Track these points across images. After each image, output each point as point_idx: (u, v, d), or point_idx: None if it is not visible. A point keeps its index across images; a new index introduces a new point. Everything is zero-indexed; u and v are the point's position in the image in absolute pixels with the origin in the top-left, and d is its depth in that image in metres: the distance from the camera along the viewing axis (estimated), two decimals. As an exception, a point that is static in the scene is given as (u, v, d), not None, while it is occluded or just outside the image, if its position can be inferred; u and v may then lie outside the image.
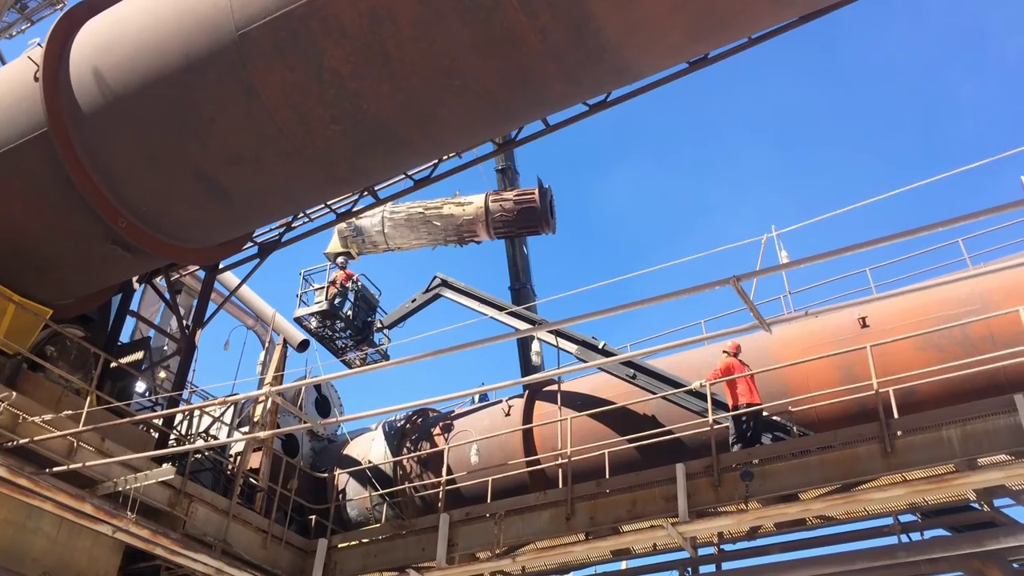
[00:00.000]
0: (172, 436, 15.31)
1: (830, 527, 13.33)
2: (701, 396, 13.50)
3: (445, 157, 15.07)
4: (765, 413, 13.19)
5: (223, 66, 10.93)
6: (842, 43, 52.41)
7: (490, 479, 14.75)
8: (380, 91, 10.50)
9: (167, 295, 16.86)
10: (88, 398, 12.57)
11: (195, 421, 16.97)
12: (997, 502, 11.84)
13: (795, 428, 13.06)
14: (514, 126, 12.54)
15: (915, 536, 12.68)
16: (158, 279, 16.94)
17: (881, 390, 11.46)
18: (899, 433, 11.12)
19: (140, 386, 17.55)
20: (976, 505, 12.11)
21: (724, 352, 13.52)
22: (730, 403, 13.11)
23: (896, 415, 11.30)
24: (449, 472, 15.53)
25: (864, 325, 13.49)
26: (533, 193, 18.79)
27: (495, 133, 12.36)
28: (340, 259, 19.76)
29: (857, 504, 11.96)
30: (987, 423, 10.65)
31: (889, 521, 12.67)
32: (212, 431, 17.62)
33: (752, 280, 12.43)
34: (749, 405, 12.82)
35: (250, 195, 12.40)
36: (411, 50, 10.05)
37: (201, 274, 17.18)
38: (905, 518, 12.72)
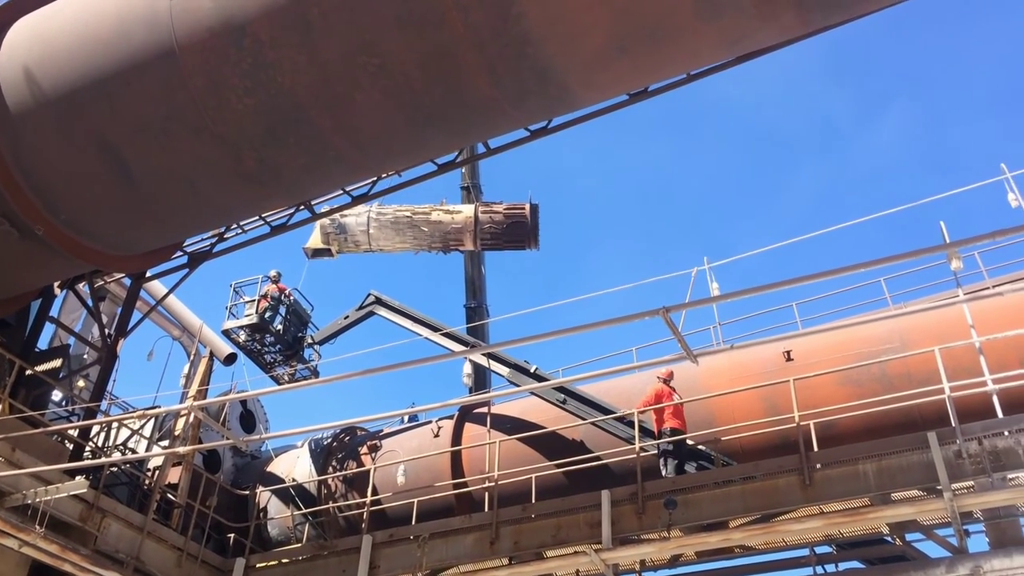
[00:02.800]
0: (88, 448, 14.82)
1: (749, 557, 13.54)
2: (629, 423, 13.64)
3: (384, 175, 15.06)
4: (691, 442, 13.39)
5: (152, 28, 10.77)
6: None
7: (415, 500, 14.63)
8: (297, 63, 10.26)
9: (89, 302, 16.35)
10: (0, 406, 12.10)
11: (113, 433, 16.46)
12: (909, 536, 12.17)
13: (719, 458, 13.28)
14: (437, 135, 11.57)
15: (830, 568, 12.98)
16: (81, 285, 16.44)
17: (802, 423, 11.75)
18: (818, 466, 11.40)
19: (57, 395, 16.97)
20: (889, 539, 12.45)
21: (657, 378, 13.70)
22: (656, 428, 13.29)
23: (816, 448, 11.60)
24: (374, 492, 15.35)
25: (789, 359, 13.81)
26: (524, 208, 18.91)
27: (416, 139, 11.49)
28: (273, 272, 19.46)
29: (775, 535, 12.17)
30: (901, 459, 10.99)
31: (806, 552, 12.93)
32: (130, 444, 17.09)
33: (681, 311, 12.64)
34: (673, 430, 13.00)
35: (153, 176, 11.90)
36: (334, 20, 9.89)
37: (127, 281, 16.74)
38: (821, 549, 13.00)
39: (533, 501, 13.25)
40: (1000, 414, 10.82)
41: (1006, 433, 10.54)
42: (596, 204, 58.87)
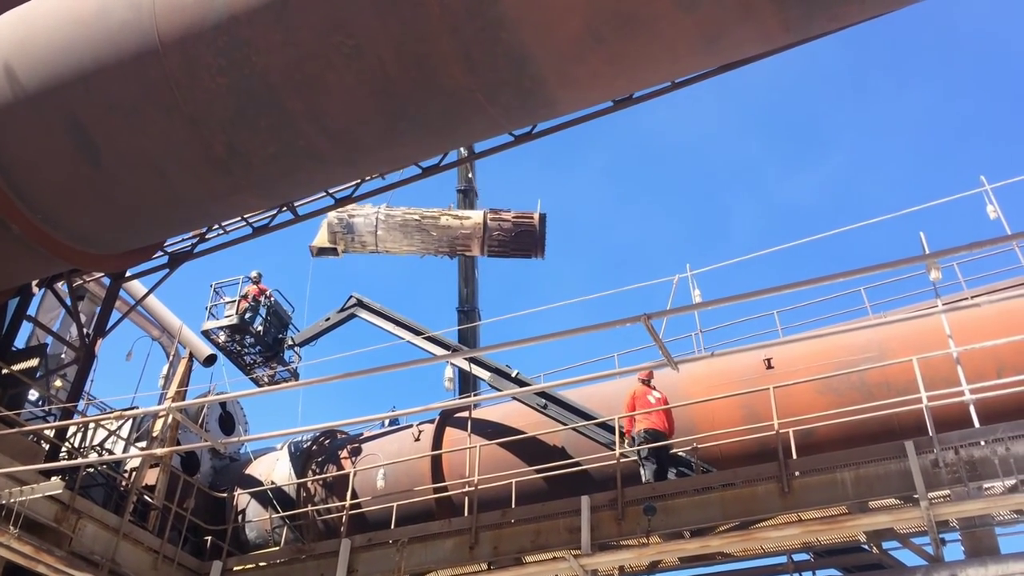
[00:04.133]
0: (64, 449, 14.67)
1: (728, 564, 13.59)
2: (610, 429, 13.66)
3: (369, 178, 15.02)
4: (672, 449, 13.42)
5: (132, 5, 10.75)
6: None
7: (395, 505, 14.57)
8: (271, 42, 10.17)
9: (68, 301, 16.20)
10: (-26, 405, 11.96)
11: (90, 434, 16.30)
12: (885, 544, 12.26)
13: (699, 464, 13.32)
14: (411, 128, 11.03)
15: (807, 575, 13.04)
16: (59, 284, 16.29)
17: (781, 431, 11.80)
18: (796, 474, 11.45)
19: (33, 395, 16.80)
20: (866, 547, 12.53)
21: (638, 379, 13.65)
22: (627, 430, 13.25)
23: (795, 456, 11.66)
24: (354, 496, 15.28)
25: (769, 367, 13.88)
26: (532, 217, 18.89)
27: (389, 132, 11.07)
28: (253, 273, 19.36)
29: (754, 542, 12.21)
30: (879, 467, 11.06)
31: (784, 560, 12.98)
32: (107, 445, 16.94)
33: (663, 318, 12.69)
34: (647, 432, 12.97)
35: (121, 160, 11.73)
36: None
37: (106, 281, 16.60)
38: (799, 557, 13.06)
39: (513, 506, 13.23)
40: (977, 424, 10.92)
41: (982, 443, 10.62)
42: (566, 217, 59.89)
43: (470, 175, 22.69)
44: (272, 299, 19.44)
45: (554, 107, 10.73)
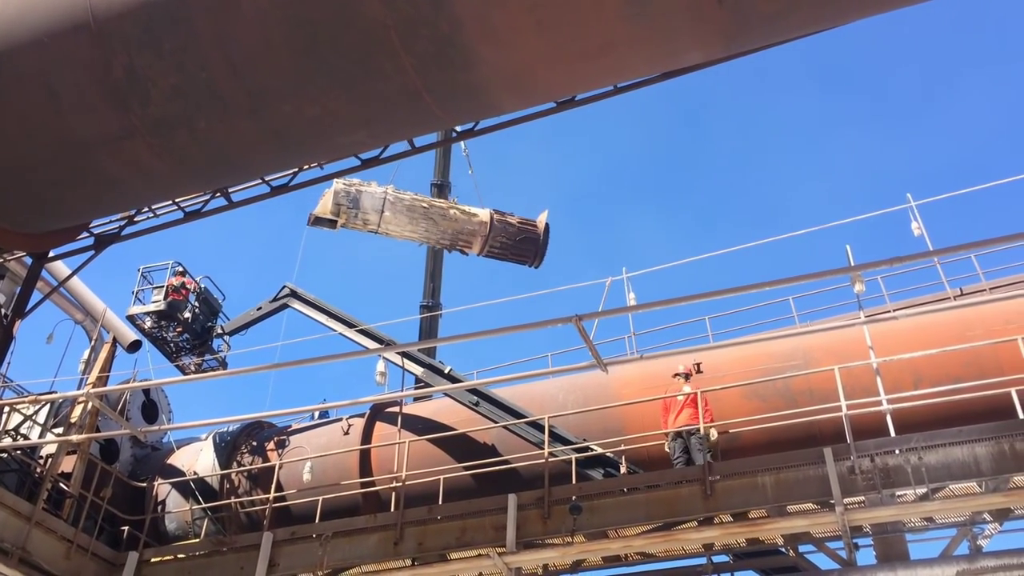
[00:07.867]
0: (-25, 432, 14.17)
1: (650, 564, 13.78)
2: (540, 428, 13.72)
3: (306, 167, 14.78)
4: (600, 450, 13.54)
5: None
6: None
7: (320, 498, 14.41)
8: None
9: (-14, 280, 15.63)
10: None
11: (4, 418, 15.75)
12: (802, 548, 12.58)
13: (628, 465, 13.47)
14: (319, 71, 10.37)
15: (726, 576, 13.30)
16: (-23, 262, 15.70)
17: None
18: (719, 477, 11.68)
19: (-55, 376, 16.16)
20: (783, 550, 12.83)
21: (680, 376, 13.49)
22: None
23: (720, 459, 11.88)
24: (279, 489, 15.05)
25: (698, 371, 14.11)
26: (536, 225, 18.70)
27: (297, 72, 10.42)
28: (180, 267, 18.89)
29: (675, 543, 12.43)
30: (798, 472, 11.35)
31: (703, 560, 13.22)
32: (22, 430, 16.37)
33: (594, 320, 12.80)
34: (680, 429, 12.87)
35: (16, 75, 11.09)
36: None
37: (28, 260, 16.03)
38: (719, 558, 13.31)
39: (440, 503, 13.21)
40: (892, 433, 11.28)
41: (897, 452, 10.99)
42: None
43: (471, 172, 22.34)
44: (202, 286, 19.04)
45: (476, 71, 10.00)
